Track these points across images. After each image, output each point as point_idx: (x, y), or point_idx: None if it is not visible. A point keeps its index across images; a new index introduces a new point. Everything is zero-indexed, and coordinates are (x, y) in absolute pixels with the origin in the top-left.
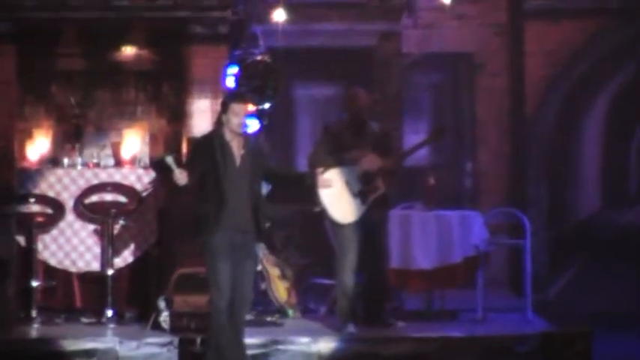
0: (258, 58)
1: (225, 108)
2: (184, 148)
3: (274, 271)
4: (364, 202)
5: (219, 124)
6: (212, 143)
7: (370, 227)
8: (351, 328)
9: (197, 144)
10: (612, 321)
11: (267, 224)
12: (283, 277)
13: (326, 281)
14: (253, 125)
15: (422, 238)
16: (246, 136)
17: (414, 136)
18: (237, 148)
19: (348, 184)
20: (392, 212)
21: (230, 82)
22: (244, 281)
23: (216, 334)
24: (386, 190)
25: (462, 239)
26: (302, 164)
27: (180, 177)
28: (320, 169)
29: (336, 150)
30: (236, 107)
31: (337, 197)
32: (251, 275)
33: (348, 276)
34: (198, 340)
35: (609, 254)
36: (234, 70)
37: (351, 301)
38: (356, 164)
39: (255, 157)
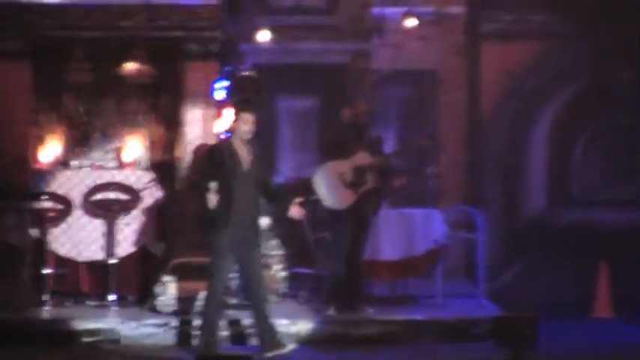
0: (246, 73)
1: (235, 117)
2: (178, 153)
3: None
4: (355, 192)
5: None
6: (222, 151)
7: (361, 220)
8: (331, 311)
9: (210, 153)
10: (556, 308)
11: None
12: (266, 265)
13: (304, 270)
14: None
15: (388, 233)
16: (252, 143)
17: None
18: (245, 154)
19: (342, 175)
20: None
21: (219, 95)
22: (255, 268)
23: (209, 315)
24: (376, 186)
25: (425, 234)
26: (283, 167)
27: (211, 199)
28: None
29: (338, 147)
30: (245, 116)
31: (333, 187)
32: (259, 261)
33: (340, 262)
34: (191, 322)
35: (554, 248)
36: (224, 83)
37: (338, 287)
38: (351, 159)
39: (259, 162)
